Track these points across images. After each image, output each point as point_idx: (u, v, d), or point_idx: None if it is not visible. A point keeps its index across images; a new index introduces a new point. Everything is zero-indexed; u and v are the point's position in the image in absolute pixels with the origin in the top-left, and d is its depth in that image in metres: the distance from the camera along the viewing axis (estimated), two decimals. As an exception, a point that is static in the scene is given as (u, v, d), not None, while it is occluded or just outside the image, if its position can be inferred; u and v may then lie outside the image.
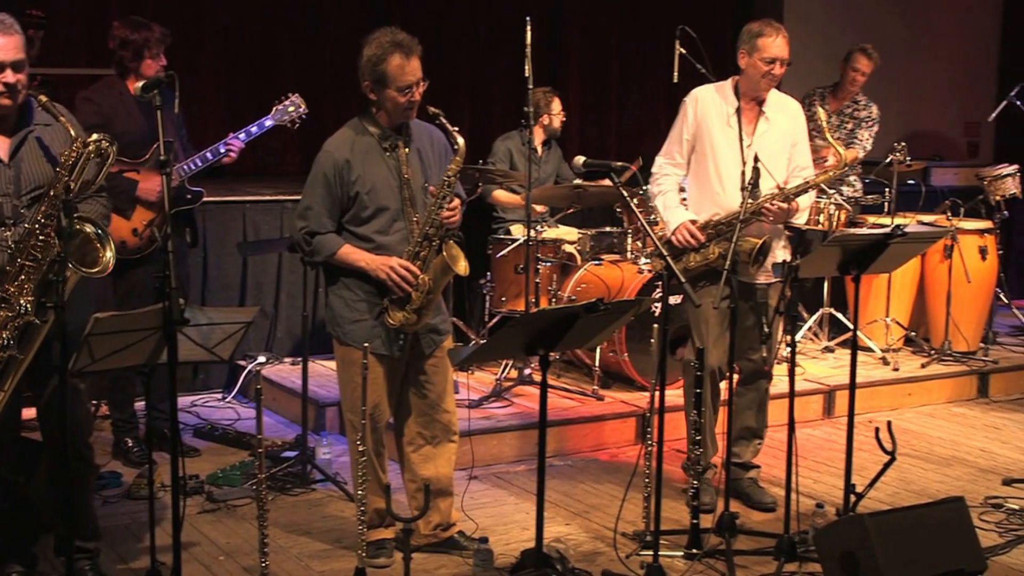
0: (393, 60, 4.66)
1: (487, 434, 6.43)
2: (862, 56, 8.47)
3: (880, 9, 11.48)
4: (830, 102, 8.56)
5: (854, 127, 8.46)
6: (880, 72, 10.69)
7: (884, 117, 8.73)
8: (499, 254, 7.43)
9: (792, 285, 4.89)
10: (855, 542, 4.50)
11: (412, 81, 4.71)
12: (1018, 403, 7.99)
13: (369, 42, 4.73)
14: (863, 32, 11.16)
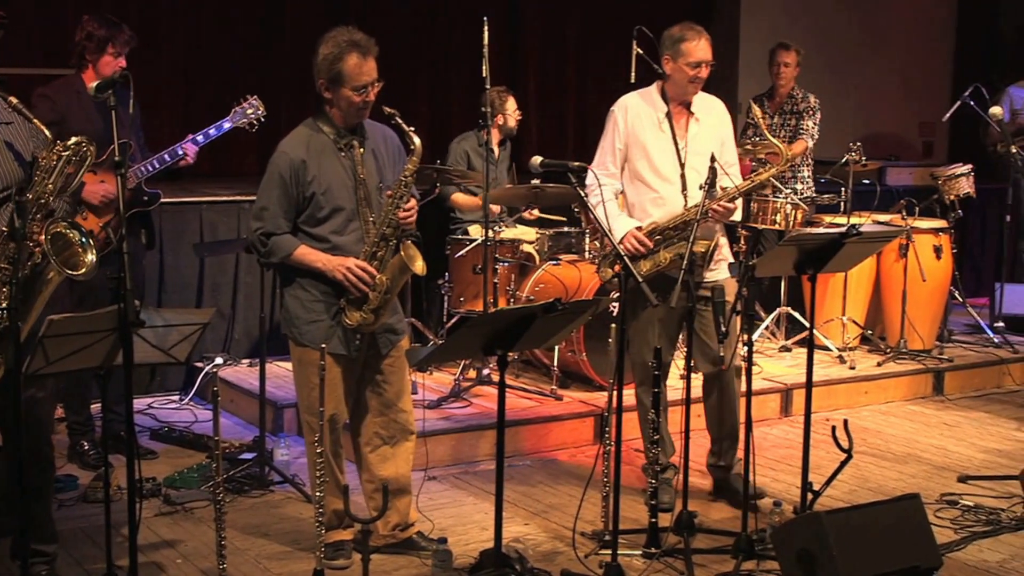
0: (350, 59, 4.66)
1: (446, 434, 6.42)
2: (780, 49, 8.61)
3: (837, 11, 11.56)
4: (769, 106, 8.63)
5: (797, 121, 8.52)
6: (836, 73, 10.80)
7: (840, 117, 8.82)
8: (457, 254, 7.42)
9: (748, 284, 4.91)
10: (812, 540, 4.52)
11: (368, 81, 4.70)
12: (973, 401, 8.06)
13: (326, 40, 4.72)
14: (820, 33, 11.27)
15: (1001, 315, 9.30)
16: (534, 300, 7.17)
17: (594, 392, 7.11)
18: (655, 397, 5.28)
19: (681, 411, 5.14)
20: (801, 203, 8.11)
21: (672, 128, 5.52)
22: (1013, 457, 6.61)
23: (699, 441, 6.13)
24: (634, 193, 5.66)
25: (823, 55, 11.29)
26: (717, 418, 5.79)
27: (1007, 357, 8.55)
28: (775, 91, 8.67)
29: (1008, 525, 5.56)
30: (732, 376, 5.67)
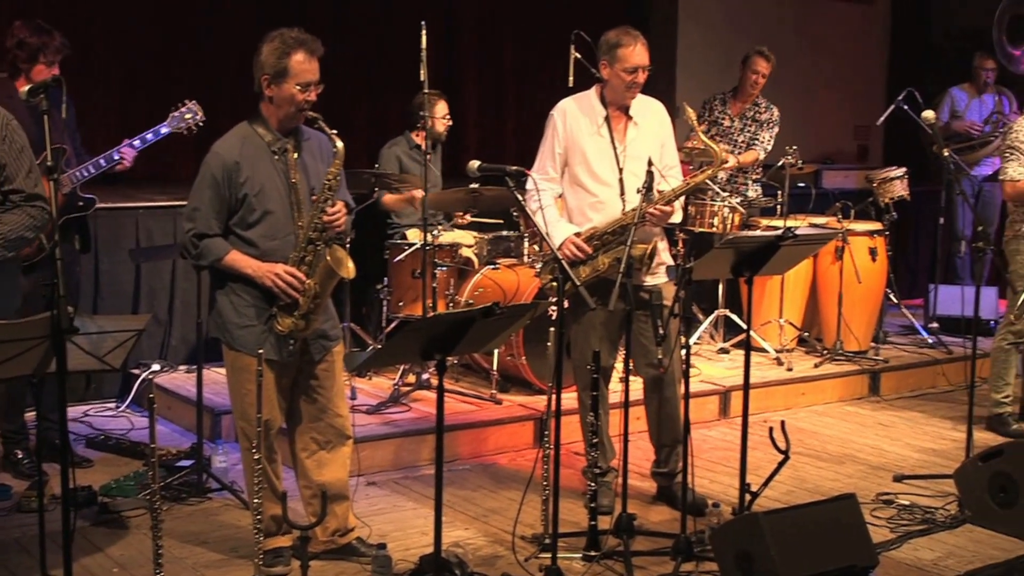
0: (296, 55, 4.66)
1: (385, 439, 6.40)
2: (759, 58, 8.59)
3: (774, 16, 11.64)
4: (731, 106, 8.68)
5: (756, 129, 8.57)
6: (773, 76, 10.84)
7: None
8: (396, 259, 7.40)
9: (686, 287, 4.94)
10: (750, 540, 4.56)
11: (312, 80, 4.70)
12: (908, 401, 8.15)
13: (272, 37, 4.70)
14: (757, 37, 11.29)
15: (935, 316, 9.42)
16: (473, 304, 7.16)
17: (534, 396, 7.11)
18: (594, 400, 5.29)
19: (622, 414, 5.16)
20: (738, 206, 8.17)
21: (611, 132, 5.54)
22: (947, 456, 6.69)
23: (639, 444, 6.17)
24: (573, 198, 5.66)
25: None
26: (658, 425, 5.81)
27: (941, 358, 8.66)
28: (742, 94, 8.67)
29: (943, 524, 5.63)
30: (672, 381, 5.69)
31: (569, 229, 5.53)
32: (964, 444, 6.17)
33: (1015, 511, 5.46)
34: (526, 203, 5.49)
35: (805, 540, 4.63)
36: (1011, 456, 5.52)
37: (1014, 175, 6.97)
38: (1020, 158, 6.95)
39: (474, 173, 5.00)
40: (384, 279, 7.53)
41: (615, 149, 5.50)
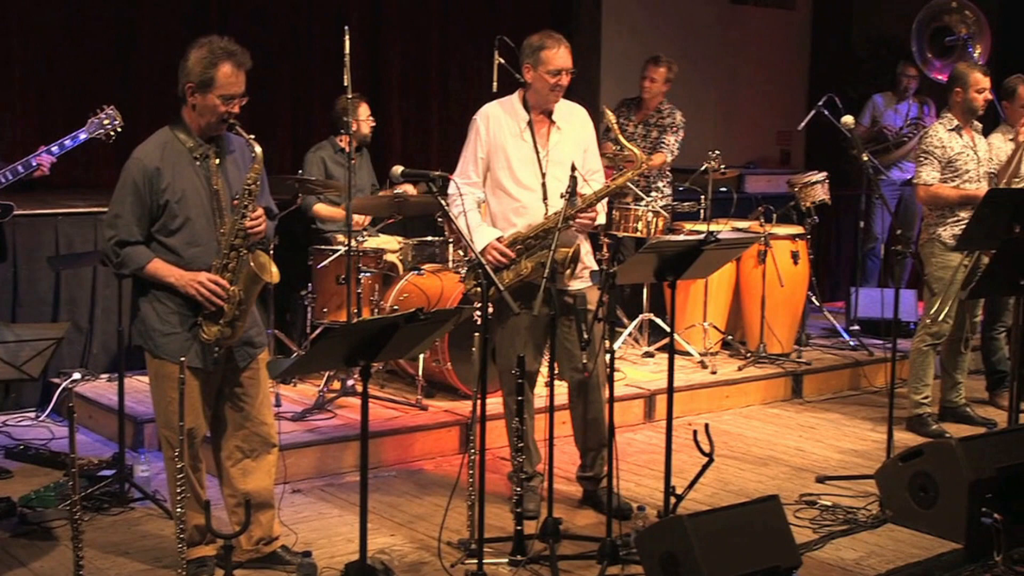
0: (224, 67, 4.61)
1: (310, 447, 6.37)
2: (650, 64, 8.72)
3: (698, 20, 11.74)
4: (635, 113, 8.75)
5: (659, 134, 8.64)
6: (696, 82, 10.95)
7: (700, 126, 8.95)
8: (320, 265, 7.37)
9: (610, 291, 4.96)
10: (675, 543, 4.58)
11: (236, 92, 4.65)
12: (830, 402, 8.24)
13: (200, 45, 4.65)
14: (682, 43, 11.43)
15: (856, 318, 9.53)
16: (398, 310, 7.14)
17: (459, 401, 7.10)
18: (519, 405, 5.30)
19: (547, 418, 5.17)
20: (662, 211, 8.21)
21: (534, 137, 5.55)
22: (869, 457, 6.77)
23: (564, 448, 6.18)
24: (496, 202, 5.67)
25: (683, 64, 11.46)
26: (583, 429, 5.83)
27: (862, 359, 8.77)
28: (642, 101, 8.78)
29: (864, 524, 5.70)
30: (597, 385, 5.70)
31: (492, 234, 5.53)
32: (885, 445, 6.25)
33: (935, 510, 5.54)
34: (448, 207, 5.49)
35: (729, 542, 4.66)
36: (930, 456, 5.60)
37: (927, 179, 7.10)
38: (934, 163, 7.09)
39: (397, 178, 5.00)
40: (308, 285, 7.49)
41: (538, 154, 5.52)
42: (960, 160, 7.10)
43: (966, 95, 7.13)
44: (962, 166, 7.10)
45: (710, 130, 11.49)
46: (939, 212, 7.18)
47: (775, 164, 12.24)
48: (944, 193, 7.11)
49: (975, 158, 7.15)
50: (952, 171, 7.10)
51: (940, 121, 7.25)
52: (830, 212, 10.00)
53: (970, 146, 7.15)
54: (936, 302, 7.11)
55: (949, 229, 7.10)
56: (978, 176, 7.15)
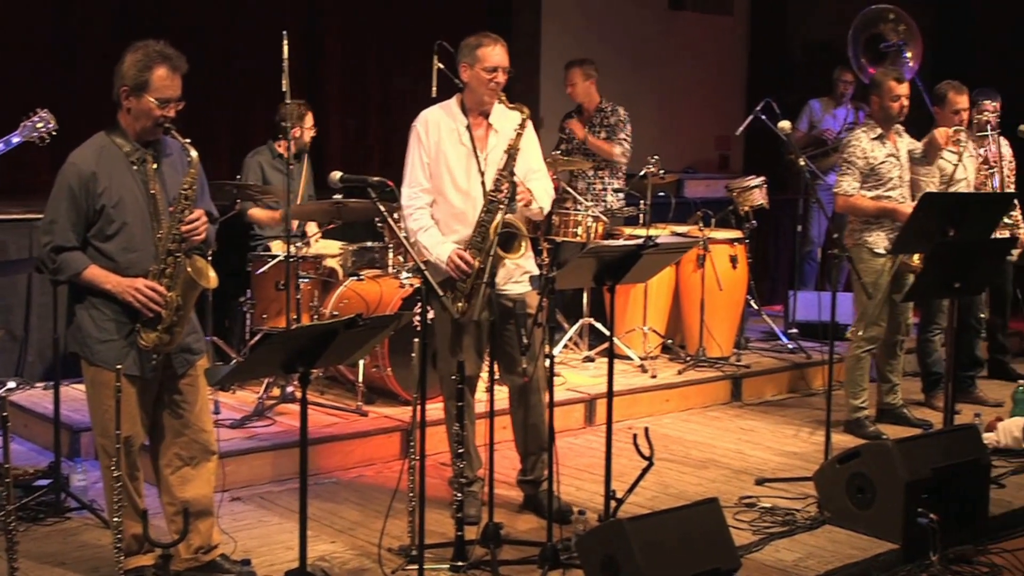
0: (159, 70, 4.58)
1: (250, 454, 6.33)
2: (566, 69, 8.84)
3: (637, 25, 11.78)
4: (580, 119, 8.80)
5: (608, 134, 8.69)
6: (635, 86, 10.99)
7: (639, 131, 8.98)
8: (259, 271, 7.33)
9: (550, 296, 4.97)
10: (616, 547, 4.60)
11: (172, 96, 4.62)
12: (769, 405, 8.30)
13: (136, 48, 4.61)
14: (621, 48, 11.48)
15: (795, 322, 9.61)
16: (338, 316, 7.11)
17: (400, 407, 7.09)
18: (459, 410, 5.30)
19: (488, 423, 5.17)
20: (602, 216, 8.24)
21: (472, 140, 5.55)
22: (807, 459, 6.82)
23: (505, 453, 6.18)
24: (436, 209, 5.66)
25: (622, 69, 11.51)
26: (524, 434, 5.84)
27: (801, 362, 8.84)
28: (580, 108, 8.84)
29: (803, 525, 5.75)
30: (537, 389, 5.72)
31: (452, 245, 5.53)
32: (823, 447, 6.31)
33: (872, 511, 5.60)
34: (405, 220, 5.50)
35: (669, 545, 4.68)
36: (867, 457, 5.66)
37: (847, 189, 7.19)
38: (855, 172, 7.18)
39: (336, 184, 4.98)
40: (247, 291, 7.45)
41: (477, 157, 5.51)
42: (883, 168, 7.18)
43: (883, 102, 7.21)
44: (885, 174, 7.19)
45: (649, 135, 11.51)
46: (863, 218, 7.27)
47: (714, 169, 12.32)
48: (861, 204, 7.19)
49: (898, 165, 7.24)
50: (876, 179, 7.18)
51: (863, 129, 7.32)
52: (768, 216, 10.08)
53: (893, 153, 7.24)
54: (870, 306, 7.19)
55: (875, 234, 7.19)
56: (901, 183, 7.24)
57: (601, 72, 8.93)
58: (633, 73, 11.67)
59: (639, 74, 11.77)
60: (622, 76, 11.50)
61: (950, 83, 7.66)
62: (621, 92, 11.37)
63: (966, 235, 6.43)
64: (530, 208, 5.56)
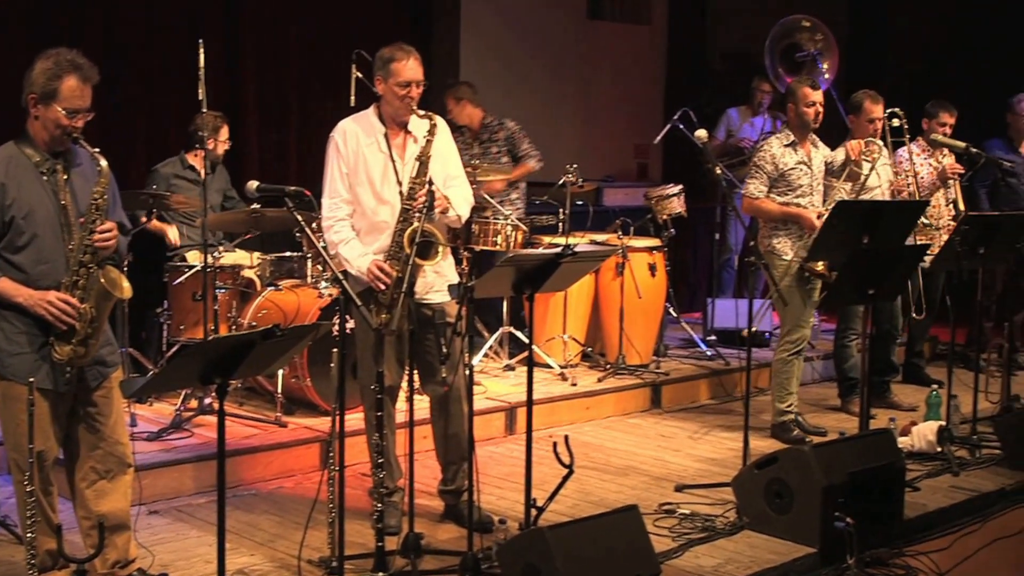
0: (69, 80, 4.51)
1: (167, 466, 6.26)
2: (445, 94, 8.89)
3: (556, 35, 11.82)
4: (470, 136, 8.84)
5: (498, 149, 8.76)
6: (555, 95, 11.03)
7: (558, 140, 9.03)
8: (175, 281, 7.26)
9: (469, 305, 4.97)
10: (536, 555, 4.61)
11: (81, 107, 4.55)
12: (688, 412, 8.36)
13: (47, 55, 4.54)
14: (540, 57, 11.52)
15: (713, 329, 9.69)
16: (257, 327, 7.05)
17: (320, 417, 7.05)
18: (379, 420, 5.28)
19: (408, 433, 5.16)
20: (521, 224, 8.26)
21: (390, 149, 5.54)
22: (726, 465, 6.87)
23: (426, 463, 6.17)
24: (356, 218, 5.63)
25: (542, 78, 11.56)
26: (444, 443, 5.83)
27: (719, 369, 8.91)
28: (465, 128, 8.90)
29: (722, 531, 5.78)
30: (458, 398, 5.71)
31: (369, 256, 5.50)
32: (741, 452, 6.36)
33: (790, 516, 5.65)
34: (325, 232, 5.47)
35: (590, 552, 4.70)
36: (785, 463, 5.71)
37: (753, 192, 7.29)
38: (763, 176, 7.29)
39: (253, 194, 4.95)
40: (164, 302, 7.37)
41: (395, 166, 5.50)
42: (793, 175, 7.28)
43: (798, 109, 7.31)
44: (795, 180, 7.29)
45: (568, 144, 11.58)
46: (771, 224, 7.36)
47: (633, 177, 12.39)
48: (767, 208, 7.29)
49: (809, 172, 7.34)
50: (785, 185, 7.29)
51: (777, 136, 7.44)
52: (686, 224, 10.16)
53: (805, 161, 7.34)
54: (788, 310, 7.28)
55: (781, 240, 7.29)
56: (811, 190, 7.33)
57: (520, 81, 8.99)
58: (552, 82, 11.71)
59: (558, 83, 11.82)
60: (541, 85, 11.56)
61: (867, 92, 7.79)
62: (540, 101, 11.46)
63: (880, 242, 6.53)
64: (448, 215, 5.56)
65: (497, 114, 9.09)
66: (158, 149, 9.03)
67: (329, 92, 9.93)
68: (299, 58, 10.08)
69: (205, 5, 9.33)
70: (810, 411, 8.10)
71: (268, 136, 9.96)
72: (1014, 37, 11.88)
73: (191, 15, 9.23)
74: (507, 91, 11.07)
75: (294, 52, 10.06)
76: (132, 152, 9.00)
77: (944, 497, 6.39)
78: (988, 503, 6.43)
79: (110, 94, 8.53)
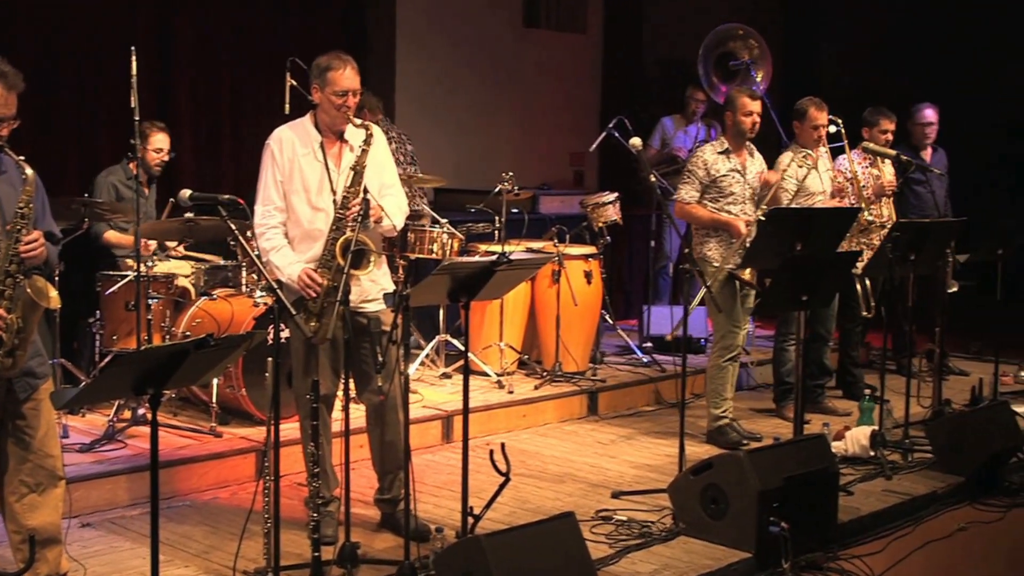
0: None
1: (100, 478, 6.18)
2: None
3: (492, 43, 11.82)
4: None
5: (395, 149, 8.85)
6: (492, 104, 11.04)
7: (495, 148, 9.04)
8: (108, 291, 7.18)
9: (404, 313, 4.96)
10: (473, 563, 4.60)
11: (4, 115, 4.49)
12: (625, 419, 8.38)
13: None
14: (476, 65, 11.52)
15: (649, 336, 9.73)
16: (191, 336, 7.00)
17: (255, 427, 6.99)
18: (315, 429, 5.25)
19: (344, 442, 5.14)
20: (457, 232, 8.25)
21: (325, 158, 5.52)
22: (662, 471, 6.90)
23: (363, 472, 6.16)
24: (291, 226, 5.61)
25: (478, 86, 11.56)
26: (381, 452, 5.81)
27: (655, 376, 8.95)
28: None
29: (659, 537, 5.81)
30: (394, 407, 5.69)
31: (300, 264, 5.48)
32: (677, 459, 6.38)
33: (725, 521, 5.68)
34: (257, 239, 5.43)
35: (527, 560, 4.70)
36: (720, 468, 5.75)
37: (685, 197, 7.36)
38: (695, 182, 7.36)
39: (186, 202, 4.91)
40: (96, 312, 7.29)
41: (330, 175, 5.48)
42: (725, 182, 7.35)
43: (736, 118, 7.38)
44: (727, 188, 7.36)
45: (504, 152, 11.59)
46: (703, 231, 7.42)
47: (569, 185, 12.40)
48: (697, 213, 7.36)
49: (741, 181, 7.41)
50: (717, 191, 7.36)
51: (711, 144, 7.51)
52: (622, 232, 10.19)
53: (738, 169, 7.41)
54: (721, 316, 7.33)
55: (711, 247, 7.35)
56: (743, 198, 7.40)
57: (456, 89, 9.00)
58: (488, 90, 11.72)
59: (494, 91, 11.82)
60: (477, 93, 11.56)
61: (811, 99, 7.88)
62: (476, 109, 11.46)
63: (813, 249, 6.59)
64: (382, 225, 5.55)
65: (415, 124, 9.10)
66: (89, 158, 8.95)
67: (263, 100, 9.89)
68: (233, 66, 10.02)
69: (138, 13, 9.25)
70: (745, 417, 8.16)
71: (202, 144, 9.89)
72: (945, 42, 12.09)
73: (124, 23, 9.15)
74: (443, 99, 11.07)
75: (229, 60, 10.00)
76: (64, 160, 8.91)
77: (877, 501, 6.46)
78: (920, 506, 6.52)
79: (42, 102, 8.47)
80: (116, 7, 9.13)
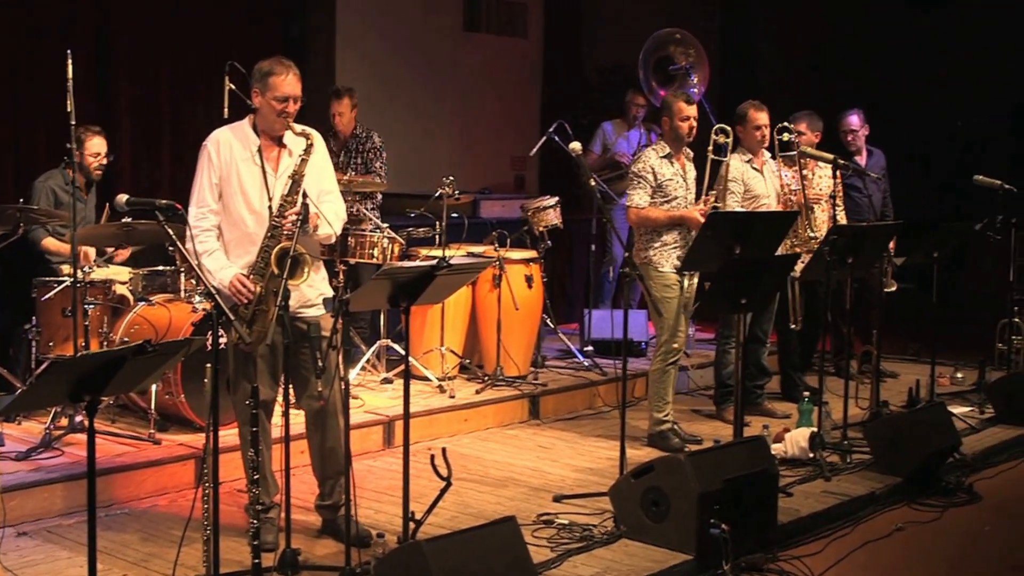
0: None
1: (37, 486, 6.10)
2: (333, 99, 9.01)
3: (432, 47, 11.83)
4: (335, 142, 8.85)
5: (363, 160, 8.80)
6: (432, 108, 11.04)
7: (435, 152, 9.04)
8: (44, 297, 7.10)
9: (344, 318, 4.94)
10: (414, 569, 4.60)
11: None
12: (566, 423, 8.40)
13: None
14: (417, 69, 11.52)
15: (590, 340, 9.76)
16: (129, 342, 6.92)
17: (194, 434, 6.94)
18: (254, 436, 5.22)
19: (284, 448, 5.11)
20: (398, 237, 8.24)
21: (263, 162, 5.49)
22: (604, 474, 6.92)
23: (303, 478, 6.12)
24: (227, 230, 5.57)
25: (418, 91, 11.55)
26: (320, 458, 5.78)
27: (596, 379, 8.97)
28: (336, 132, 8.89)
29: (600, 540, 5.82)
30: (334, 412, 5.66)
31: (234, 269, 5.44)
32: (618, 462, 6.40)
33: (666, 523, 5.71)
34: (191, 241, 5.39)
35: (468, 565, 4.70)
36: (661, 471, 5.77)
37: (638, 202, 7.39)
38: (646, 187, 7.39)
39: (122, 207, 4.86)
40: (32, 319, 7.21)
41: (266, 179, 5.45)
42: (670, 186, 7.41)
43: (673, 123, 7.43)
44: (671, 192, 7.41)
45: (445, 156, 11.60)
46: (648, 236, 7.45)
47: (510, 189, 12.43)
48: (653, 216, 7.39)
49: (684, 185, 7.47)
50: (662, 195, 7.41)
51: (653, 147, 7.54)
52: (563, 236, 10.22)
53: (680, 173, 7.46)
54: (666, 322, 7.37)
55: (658, 252, 7.38)
56: (686, 202, 7.46)
57: (397, 93, 8.97)
58: (429, 94, 11.72)
59: (435, 95, 11.83)
60: (417, 97, 11.56)
61: (751, 102, 7.94)
62: (417, 114, 11.46)
63: (751, 252, 6.63)
64: (319, 232, 5.52)
65: (371, 126, 9.08)
66: (27, 163, 8.86)
67: (202, 105, 9.83)
68: (172, 70, 9.96)
69: (75, 14, 9.17)
70: (686, 420, 8.20)
71: (140, 148, 9.82)
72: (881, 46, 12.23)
73: (61, 25, 9.06)
74: (383, 103, 11.05)
75: (168, 63, 9.93)
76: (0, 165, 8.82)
77: (816, 502, 6.51)
78: (859, 507, 6.58)
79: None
80: (53, 9, 9.04)
